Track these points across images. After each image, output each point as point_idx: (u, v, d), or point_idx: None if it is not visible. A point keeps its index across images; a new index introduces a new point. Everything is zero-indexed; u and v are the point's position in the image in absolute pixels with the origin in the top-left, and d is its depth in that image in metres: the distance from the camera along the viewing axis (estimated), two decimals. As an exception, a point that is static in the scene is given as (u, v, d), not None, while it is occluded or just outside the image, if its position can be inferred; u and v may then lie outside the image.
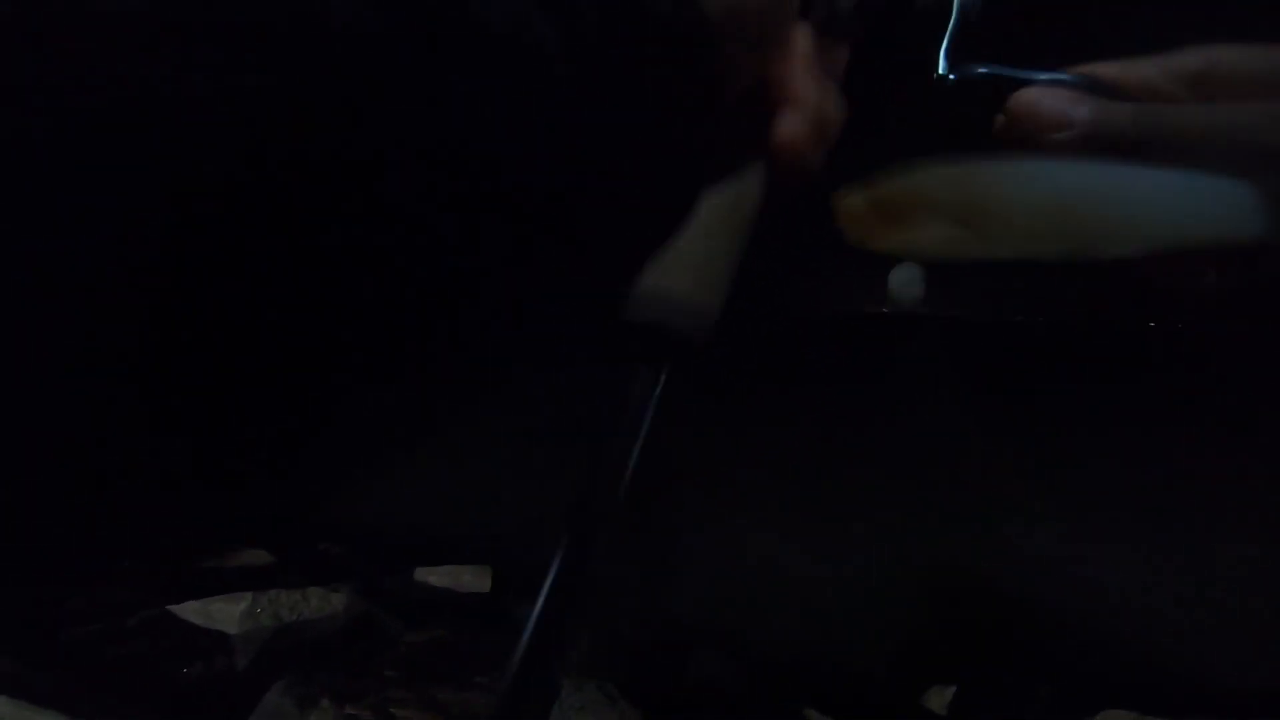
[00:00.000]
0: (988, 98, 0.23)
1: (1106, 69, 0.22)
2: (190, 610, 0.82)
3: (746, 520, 0.85)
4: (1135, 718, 0.61)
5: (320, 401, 0.13)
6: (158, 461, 0.11)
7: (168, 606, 0.79)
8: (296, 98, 0.11)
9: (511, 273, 0.16)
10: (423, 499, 1.01)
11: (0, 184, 0.10)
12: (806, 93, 0.23)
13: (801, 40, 0.23)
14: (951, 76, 0.24)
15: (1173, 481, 0.69)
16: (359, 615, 0.89)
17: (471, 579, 1.10)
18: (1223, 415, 0.68)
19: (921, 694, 0.78)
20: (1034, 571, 0.72)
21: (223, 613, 0.77)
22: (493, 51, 0.13)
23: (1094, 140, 0.20)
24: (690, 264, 0.21)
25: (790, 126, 0.23)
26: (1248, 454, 0.67)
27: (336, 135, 0.11)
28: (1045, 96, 0.21)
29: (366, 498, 0.96)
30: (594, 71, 0.16)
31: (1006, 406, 0.75)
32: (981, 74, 0.23)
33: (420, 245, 0.13)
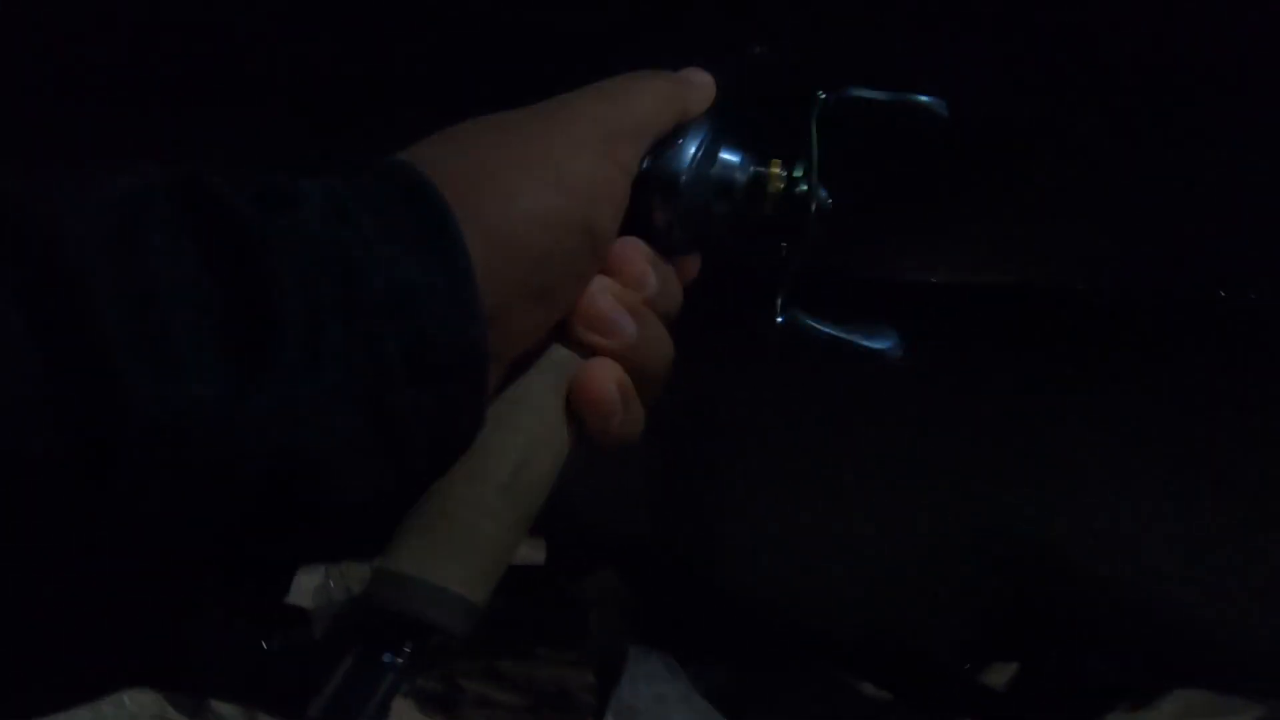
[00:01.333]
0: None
1: None
2: (266, 584, 0.85)
3: (800, 493, 0.85)
4: (1209, 697, 0.60)
5: None
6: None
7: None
8: None
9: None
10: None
11: None
12: (615, 337, 0.20)
13: (622, 272, 0.20)
14: (780, 320, 0.25)
15: (1247, 457, 0.67)
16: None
17: (527, 551, 1.12)
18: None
19: (981, 670, 0.78)
20: (1102, 548, 0.72)
21: (298, 585, 0.78)
22: None
23: None
24: (454, 548, 0.17)
25: (593, 376, 0.19)
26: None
27: None
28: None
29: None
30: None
31: (1066, 375, 0.74)
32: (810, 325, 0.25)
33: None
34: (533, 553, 1.03)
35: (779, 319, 0.25)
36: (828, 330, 0.24)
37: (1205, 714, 0.60)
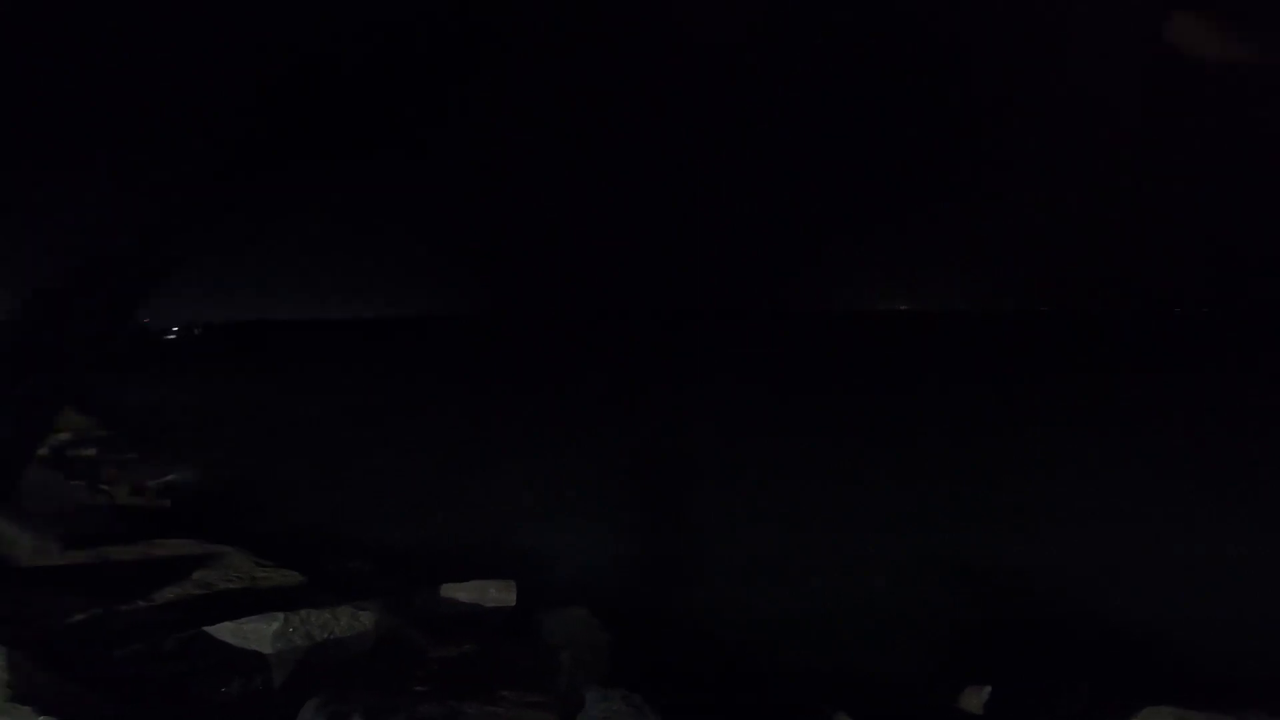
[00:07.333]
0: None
1: None
2: (225, 631, 0.85)
3: (772, 527, 0.84)
4: (1177, 713, 0.59)
5: None
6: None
7: (203, 628, 0.82)
8: None
9: None
10: (449, 515, 1.02)
11: None
12: None
13: None
14: None
15: (1213, 482, 0.66)
16: (388, 632, 0.90)
17: (497, 593, 1.11)
18: (1252, 413, 0.66)
19: (956, 695, 0.76)
20: (1070, 570, 0.70)
21: (256, 633, 0.78)
22: None
23: None
24: None
25: None
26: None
27: None
28: None
29: (395, 515, 0.98)
30: None
31: (1028, 402, 0.73)
32: None
33: None
34: (503, 595, 1.02)
35: None
36: None
37: (1172, 731, 0.58)
